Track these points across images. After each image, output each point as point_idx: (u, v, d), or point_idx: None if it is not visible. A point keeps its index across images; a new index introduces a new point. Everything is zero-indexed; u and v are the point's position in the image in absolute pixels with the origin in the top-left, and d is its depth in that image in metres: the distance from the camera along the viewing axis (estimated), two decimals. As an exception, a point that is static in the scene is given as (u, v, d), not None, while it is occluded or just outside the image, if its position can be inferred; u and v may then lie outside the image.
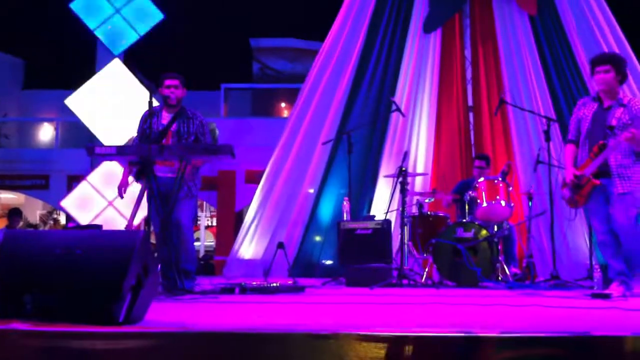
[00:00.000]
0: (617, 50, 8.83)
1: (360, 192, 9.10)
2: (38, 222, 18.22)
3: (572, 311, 3.85)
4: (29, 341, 2.60)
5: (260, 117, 17.45)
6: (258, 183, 9.85)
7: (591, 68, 5.18)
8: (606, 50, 8.74)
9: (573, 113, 5.32)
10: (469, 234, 6.46)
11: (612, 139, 4.93)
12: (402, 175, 6.72)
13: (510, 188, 6.76)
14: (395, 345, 2.50)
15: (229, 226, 13.36)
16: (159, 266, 5.15)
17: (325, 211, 9.36)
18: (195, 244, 14.52)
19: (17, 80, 21.73)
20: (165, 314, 3.50)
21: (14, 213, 10.03)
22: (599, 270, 6.41)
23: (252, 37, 21.08)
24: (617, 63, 5.09)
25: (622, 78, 5.09)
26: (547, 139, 6.41)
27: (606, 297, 4.78)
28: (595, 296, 4.86)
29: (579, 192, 5.07)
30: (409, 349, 2.49)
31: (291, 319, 3.41)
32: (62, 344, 2.61)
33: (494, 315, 3.64)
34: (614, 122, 4.96)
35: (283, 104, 20.13)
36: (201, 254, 16.09)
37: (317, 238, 9.25)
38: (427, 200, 7.42)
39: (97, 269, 2.90)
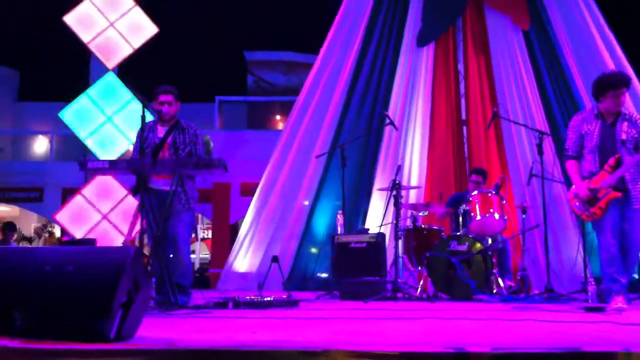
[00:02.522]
0: (612, 64, 8.88)
1: (355, 205, 9.10)
2: (33, 235, 18.15)
3: (566, 326, 3.84)
4: (18, 359, 2.58)
5: (255, 130, 17.47)
6: (253, 196, 9.85)
7: (607, 88, 5.13)
8: (600, 64, 8.81)
9: (571, 129, 5.35)
10: (463, 247, 6.45)
11: (627, 155, 5.07)
12: (395, 189, 6.73)
13: (504, 201, 6.77)
14: (386, 362, 2.49)
15: (224, 239, 13.37)
16: (153, 280, 5.14)
17: (320, 224, 9.36)
18: (191, 256, 14.51)
19: (11, 92, 21.70)
20: (157, 330, 3.48)
21: (8, 227, 10.00)
22: (593, 283, 6.41)
23: (247, 50, 21.13)
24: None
25: None
26: (540, 152, 6.43)
27: (600, 310, 4.80)
28: (590, 309, 4.87)
29: (596, 204, 5.10)
30: (400, 366, 2.48)
31: (284, 335, 3.39)
32: (51, 361, 2.59)
33: (487, 330, 3.63)
34: (624, 137, 5.10)
35: (278, 117, 20.18)
36: (196, 266, 16.05)
37: (313, 250, 9.24)
38: (421, 214, 7.41)
39: (87, 286, 2.88)
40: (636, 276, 6.88)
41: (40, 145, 20.73)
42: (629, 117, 5.20)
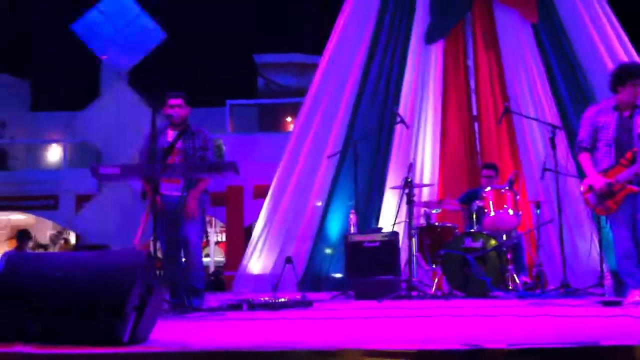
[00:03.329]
0: (624, 57, 8.81)
1: (368, 204, 9.07)
2: (48, 242, 18.27)
3: (582, 320, 3.80)
4: (32, 365, 2.59)
5: (267, 132, 17.49)
6: (266, 198, 9.84)
7: (627, 77, 5.08)
8: (607, 56, 8.76)
9: (585, 120, 5.29)
10: (478, 244, 6.42)
11: None
12: (408, 187, 6.70)
13: (518, 197, 6.72)
14: (400, 360, 2.48)
15: (239, 241, 13.36)
16: (168, 285, 5.15)
17: (334, 224, 9.34)
18: (205, 259, 14.50)
19: (24, 102, 21.87)
20: (171, 333, 3.48)
21: (23, 235, 10.04)
22: (609, 277, 6.36)
23: (256, 53, 21.16)
24: None
25: None
26: (553, 146, 6.37)
27: (617, 304, 4.75)
28: (606, 304, 4.83)
29: (612, 198, 5.04)
30: (414, 364, 2.46)
31: (297, 336, 3.38)
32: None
33: (502, 326, 3.61)
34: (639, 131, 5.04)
35: (289, 119, 20.16)
36: (211, 269, 16.08)
37: (327, 251, 9.22)
38: (434, 211, 7.38)
39: (99, 290, 2.88)
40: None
41: (54, 154, 20.87)
42: None
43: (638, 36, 9.56)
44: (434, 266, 6.87)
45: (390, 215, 8.26)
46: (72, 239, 18.04)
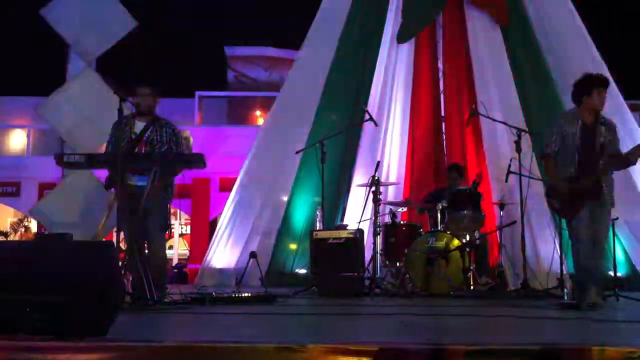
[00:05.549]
0: (590, 64, 8.92)
1: (334, 201, 9.08)
2: (9, 229, 17.94)
3: (541, 321, 3.87)
4: (-11, 355, 2.55)
5: (236, 126, 17.40)
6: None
7: (591, 86, 5.24)
8: (575, 63, 8.89)
9: (553, 127, 5.39)
10: (441, 244, 6.48)
11: (602, 160, 5.15)
12: (374, 185, 6.74)
13: (482, 198, 6.80)
14: (362, 358, 2.49)
15: (203, 234, 13.30)
16: (130, 277, 5.09)
17: (299, 220, 9.33)
18: (169, 252, 14.41)
19: (-12, 86, 21.40)
20: (132, 327, 3.45)
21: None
22: (569, 279, 6.47)
23: (227, 45, 21.01)
24: None
25: None
26: (518, 149, 6.46)
27: (576, 306, 4.84)
28: (565, 306, 4.92)
29: (573, 203, 5.15)
30: (376, 362, 2.48)
31: (260, 331, 3.38)
32: (23, 358, 2.55)
33: (463, 325, 3.65)
34: (602, 140, 5.18)
35: (258, 112, 20.08)
36: (174, 262, 15.95)
37: (291, 247, 9.21)
38: (399, 210, 7.42)
39: (61, 280, 2.84)
40: (611, 274, 6.95)
41: (18, 140, 20.47)
42: (605, 121, 5.29)
43: (606, 43, 9.70)
44: (397, 264, 6.92)
45: (356, 213, 8.29)
46: (34, 227, 17.74)
